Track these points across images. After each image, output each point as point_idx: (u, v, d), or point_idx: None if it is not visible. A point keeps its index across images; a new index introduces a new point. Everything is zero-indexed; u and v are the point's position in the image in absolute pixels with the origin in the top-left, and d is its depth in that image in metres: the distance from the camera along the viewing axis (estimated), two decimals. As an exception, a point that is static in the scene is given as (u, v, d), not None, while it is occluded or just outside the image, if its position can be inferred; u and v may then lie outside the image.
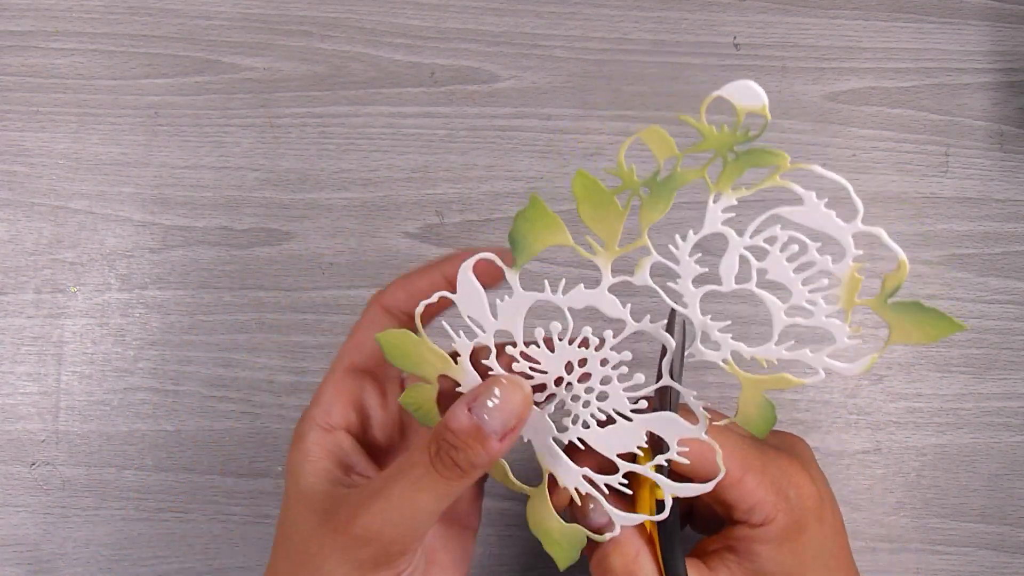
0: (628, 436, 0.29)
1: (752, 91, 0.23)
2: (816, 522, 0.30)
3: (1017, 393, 0.47)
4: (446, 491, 0.26)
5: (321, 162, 0.46)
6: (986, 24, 0.50)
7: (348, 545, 0.26)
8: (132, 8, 0.47)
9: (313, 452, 0.29)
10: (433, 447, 0.26)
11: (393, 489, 0.26)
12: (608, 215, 0.25)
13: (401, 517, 0.26)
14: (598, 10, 0.49)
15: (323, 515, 0.27)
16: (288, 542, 0.28)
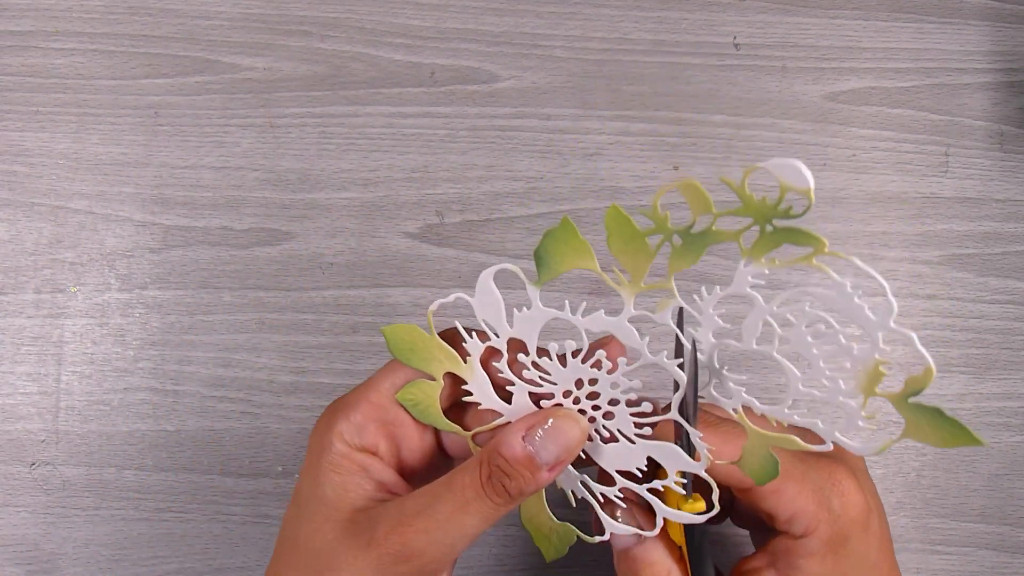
0: (629, 456, 0.29)
1: (799, 173, 0.23)
2: (861, 532, 0.29)
3: (1017, 393, 0.47)
4: (492, 515, 0.27)
5: (321, 162, 0.46)
6: (986, 24, 0.50)
7: (384, 561, 0.26)
8: (132, 8, 0.47)
9: (343, 465, 0.28)
10: (485, 472, 0.27)
11: (440, 509, 0.26)
12: (638, 253, 0.26)
13: (445, 537, 0.27)
14: (598, 10, 0.49)
15: (353, 526, 0.27)
16: (302, 550, 0.28)
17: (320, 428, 0.29)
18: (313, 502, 0.28)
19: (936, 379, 0.46)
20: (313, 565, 0.27)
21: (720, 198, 0.24)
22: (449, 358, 0.29)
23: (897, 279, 0.47)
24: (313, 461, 0.29)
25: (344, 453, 0.29)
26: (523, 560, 0.44)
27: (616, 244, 0.26)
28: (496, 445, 0.27)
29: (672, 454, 0.29)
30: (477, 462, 0.27)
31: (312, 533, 0.28)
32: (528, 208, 0.46)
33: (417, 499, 0.27)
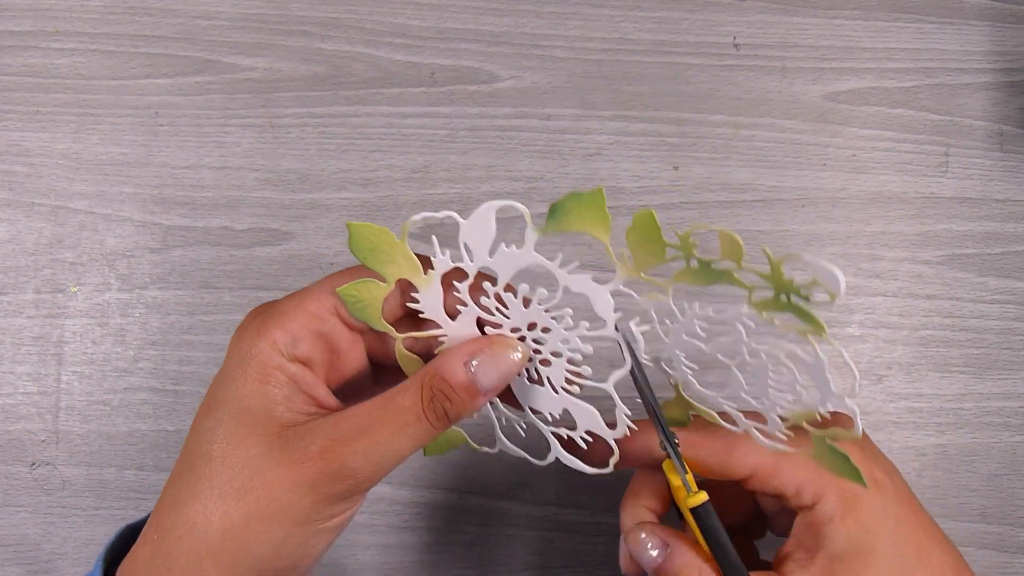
0: (548, 402, 0.31)
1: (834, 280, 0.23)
2: (872, 488, 0.29)
3: (1017, 393, 0.47)
4: (427, 436, 0.27)
5: (321, 162, 0.46)
6: (986, 24, 0.50)
7: (318, 479, 0.26)
8: (132, 8, 0.47)
9: (273, 375, 0.27)
10: (427, 395, 0.26)
11: (380, 430, 0.26)
12: (652, 253, 0.27)
13: (381, 458, 0.26)
14: (598, 10, 0.49)
15: (283, 442, 0.26)
16: (224, 465, 0.26)
17: (249, 333, 0.28)
18: (235, 413, 0.27)
19: (936, 379, 0.47)
20: (234, 480, 0.26)
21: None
22: (410, 266, 0.28)
23: (897, 279, 0.47)
24: (237, 369, 0.27)
25: (275, 363, 0.27)
26: (523, 560, 0.44)
27: (635, 237, 0.27)
28: (438, 370, 0.27)
29: (588, 415, 0.30)
30: (417, 385, 0.27)
31: (232, 446, 0.26)
32: (528, 208, 0.46)
33: (353, 419, 0.26)
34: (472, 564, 0.44)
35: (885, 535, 0.29)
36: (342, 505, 0.27)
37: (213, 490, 0.26)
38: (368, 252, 0.28)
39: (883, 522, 0.29)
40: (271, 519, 0.25)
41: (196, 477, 0.26)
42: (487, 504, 0.45)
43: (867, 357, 0.47)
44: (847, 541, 0.29)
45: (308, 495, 0.26)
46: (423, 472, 0.45)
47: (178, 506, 0.26)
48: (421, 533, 0.44)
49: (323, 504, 0.26)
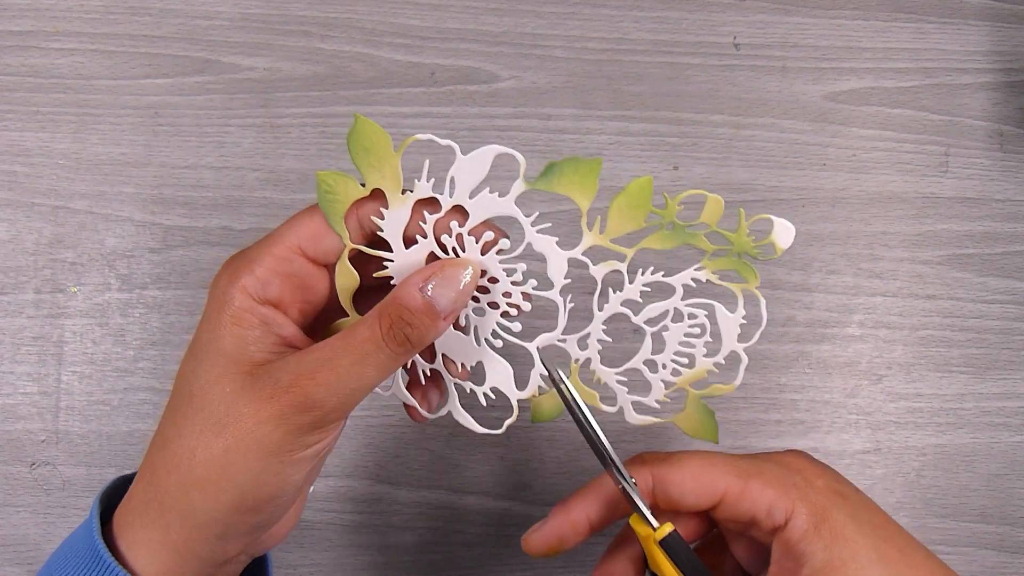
0: (464, 350, 0.31)
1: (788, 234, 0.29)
2: (837, 498, 0.30)
3: (1017, 393, 0.47)
4: (392, 364, 0.28)
5: (321, 162, 0.46)
6: (986, 24, 0.50)
7: (286, 411, 0.27)
8: (132, 8, 0.47)
9: (245, 318, 0.28)
10: (385, 323, 0.27)
11: (341, 361, 0.27)
12: (633, 220, 0.29)
13: (346, 388, 0.27)
14: (598, 10, 0.49)
15: (254, 379, 0.27)
16: (203, 403, 0.28)
17: (222, 281, 0.29)
18: (212, 355, 0.28)
19: (936, 379, 0.47)
20: (212, 417, 0.27)
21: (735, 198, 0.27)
22: (393, 180, 0.29)
23: (897, 279, 0.47)
24: (213, 314, 0.29)
25: (247, 307, 0.28)
26: (523, 560, 0.44)
27: (620, 203, 0.29)
28: (395, 297, 0.28)
29: (501, 372, 0.31)
30: (375, 314, 0.28)
31: (210, 385, 0.28)
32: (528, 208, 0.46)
33: (317, 352, 0.27)
34: (472, 564, 0.44)
35: (864, 540, 0.29)
36: (313, 436, 0.28)
37: (195, 427, 0.28)
38: (362, 150, 0.29)
39: (859, 528, 0.29)
40: (247, 451, 0.27)
41: (180, 416, 0.28)
42: (487, 504, 0.45)
43: (867, 357, 0.47)
44: (826, 552, 0.29)
45: (279, 427, 0.27)
46: (423, 472, 0.45)
47: (165, 444, 0.28)
48: (421, 533, 0.44)
49: (294, 435, 0.27)
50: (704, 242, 0.29)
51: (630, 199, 0.28)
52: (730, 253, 0.30)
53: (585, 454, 0.45)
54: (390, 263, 0.30)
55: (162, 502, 0.28)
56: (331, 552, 0.44)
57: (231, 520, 0.28)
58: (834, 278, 0.47)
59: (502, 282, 0.30)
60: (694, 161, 0.47)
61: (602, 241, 0.29)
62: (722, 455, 0.31)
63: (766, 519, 0.29)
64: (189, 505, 0.28)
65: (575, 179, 0.28)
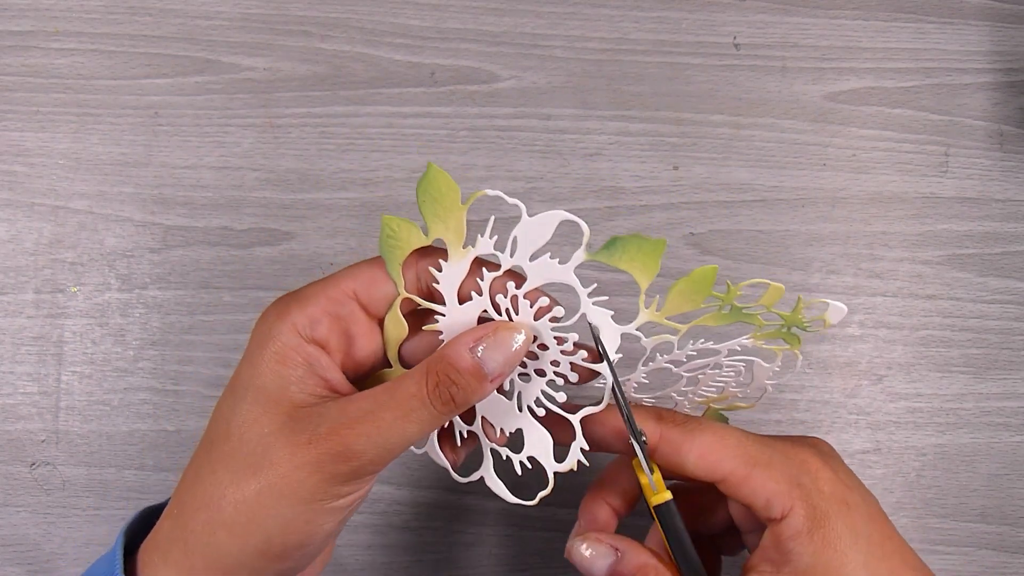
0: (506, 416, 0.31)
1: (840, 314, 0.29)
2: (841, 506, 0.29)
3: (1017, 393, 0.47)
4: (434, 422, 0.27)
5: (321, 162, 0.46)
6: (986, 24, 0.50)
7: (323, 459, 0.26)
8: (132, 8, 0.47)
9: (289, 356, 0.28)
10: (432, 381, 0.27)
11: (384, 415, 0.27)
12: (690, 301, 0.28)
13: (385, 442, 0.27)
14: (598, 10, 0.49)
15: (293, 422, 0.27)
16: (240, 442, 0.27)
17: (270, 317, 0.29)
18: (252, 392, 0.27)
19: (936, 379, 0.47)
20: (248, 457, 0.27)
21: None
22: (456, 233, 0.29)
23: (897, 279, 0.47)
24: (256, 350, 0.28)
25: (293, 344, 0.28)
26: (523, 560, 0.44)
27: (682, 288, 0.28)
28: (444, 355, 0.27)
29: (540, 442, 0.30)
30: (423, 371, 0.27)
31: (249, 424, 0.27)
32: (528, 208, 0.46)
33: (360, 402, 0.27)
34: (472, 564, 0.44)
35: (856, 555, 0.29)
36: (348, 487, 0.27)
37: (228, 466, 0.27)
38: (430, 199, 0.29)
39: (853, 542, 0.29)
40: (280, 496, 0.26)
41: (215, 454, 0.27)
42: (487, 504, 0.45)
43: (867, 357, 0.47)
44: (813, 557, 0.29)
45: (314, 474, 0.26)
46: (423, 472, 0.45)
47: (197, 481, 0.28)
48: (421, 533, 0.44)
49: (328, 484, 0.27)
50: (759, 320, 0.29)
51: (693, 284, 0.28)
52: (780, 327, 0.30)
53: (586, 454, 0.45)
54: (441, 317, 0.30)
55: (187, 542, 0.27)
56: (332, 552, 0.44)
57: (256, 565, 0.27)
58: (834, 278, 0.47)
59: (552, 350, 0.29)
60: (694, 161, 0.47)
61: (658, 319, 0.29)
62: (736, 433, 0.30)
63: (762, 510, 0.29)
64: (215, 546, 0.27)
65: (638, 257, 0.27)
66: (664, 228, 0.46)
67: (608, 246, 0.27)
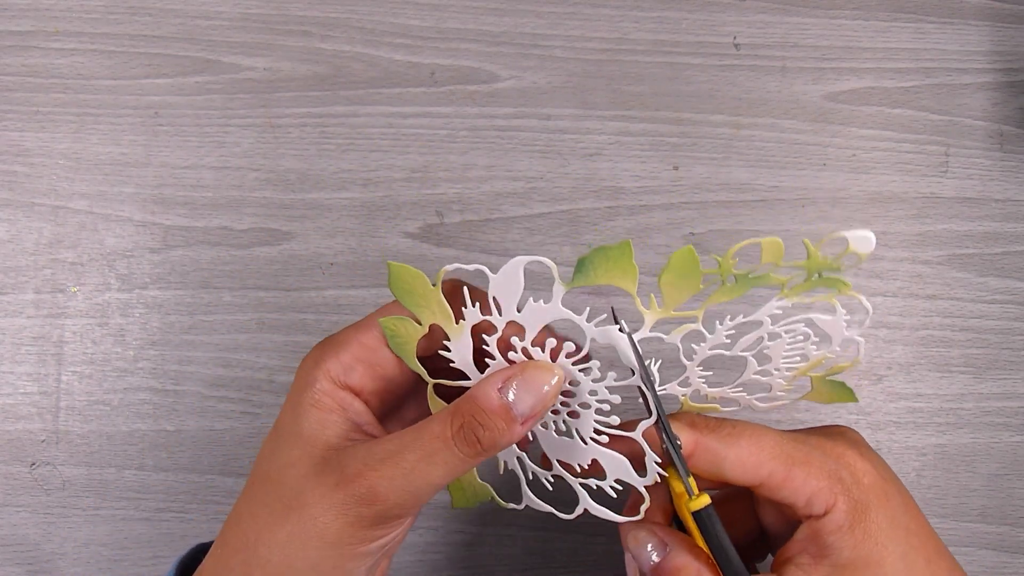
0: (575, 452, 0.31)
1: (868, 241, 0.27)
2: (881, 498, 0.29)
3: (1017, 393, 0.47)
4: (460, 466, 0.27)
5: (321, 162, 0.46)
6: (986, 24, 0.50)
7: (349, 502, 0.26)
8: (132, 8, 0.47)
9: (324, 402, 0.28)
10: (456, 422, 0.26)
11: (407, 457, 0.26)
12: (686, 288, 0.27)
13: (410, 485, 0.26)
14: (598, 10, 0.49)
15: (324, 465, 0.27)
16: (274, 483, 0.28)
17: (308, 363, 0.29)
18: (290, 437, 0.28)
19: (936, 379, 0.46)
20: (283, 499, 0.27)
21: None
22: (443, 314, 0.29)
23: (897, 279, 0.47)
24: (296, 396, 0.29)
25: (327, 391, 0.28)
26: (523, 560, 0.44)
27: (668, 278, 0.27)
28: (471, 396, 0.27)
29: (618, 464, 0.31)
30: (449, 412, 0.27)
31: (285, 467, 0.28)
32: (528, 208, 0.46)
33: (386, 444, 0.27)
34: (472, 564, 0.44)
35: (895, 546, 0.29)
36: (376, 531, 0.27)
37: (265, 508, 0.27)
38: (405, 293, 0.29)
39: (892, 534, 0.29)
40: (308, 538, 0.26)
41: (254, 496, 0.28)
42: (486, 504, 0.45)
43: (867, 357, 0.47)
44: (853, 551, 0.28)
45: (340, 518, 0.26)
46: (423, 472, 0.45)
47: (238, 522, 0.28)
48: (421, 533, 0.44)
49: (355, 528, 0.26)
50: (775, 278, 0.28)
51: (675, 272, 0.27)
52: (808, 277, 0.28)
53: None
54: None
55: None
56: None
57: None
58: (834, 278, 0.47)
59: (583, 382, 0.29)
60: (694, 161, 0.47)
61: (666, 314, 0.28)
62: (771, 433, 0.30)
63: (804, 508, 0.29)
64: None
65: (610, 267, 0.27)
66: (664, 228, 0.46)
67: (579, 270, 0.27)
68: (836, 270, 0.27)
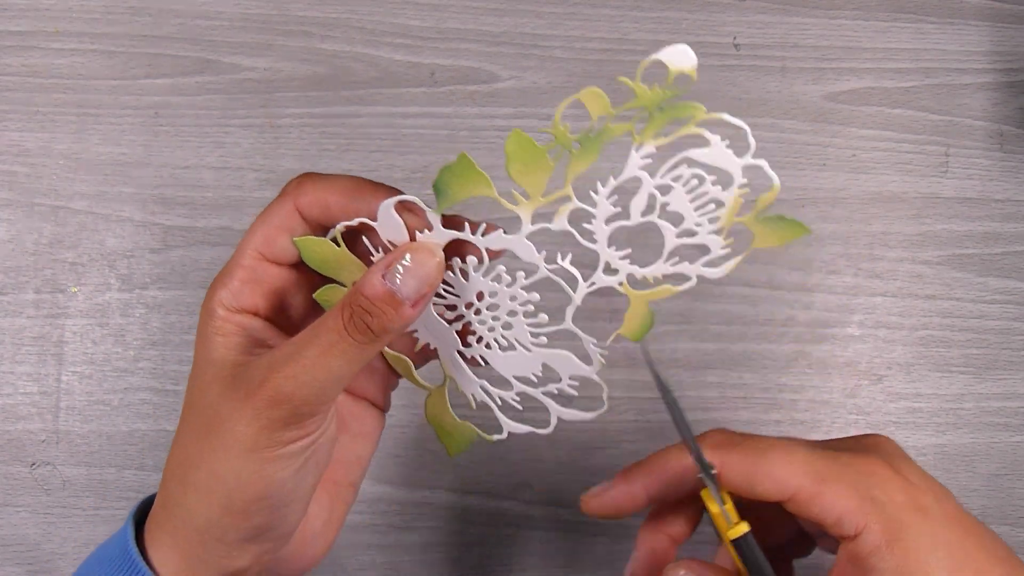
0: (525, 363, 0.32)
1: (686, 54, 0.27)
2: (917, 515, 0.29)
3: (1017, 393, 0.47)
4: (357, 356, 0.28)
5: (321, 162, 0.46)
6: (986, 24, 0.50)
7: (259, 407, 0.27)
8: (132, 8, 0.47)
9: (224, 327, 0.30)
10: (347, 312, 0.27)
11: (306, 353, 0.27)
12: (537, 169, 0.29)
13: (313, 380, 0.27)
14: (598, 10, 0.49)
15: (234, 380, 0.28)
16: (196, 409, 0.29)
17: (205, 300, 0.31)
18: (201, 365, 0.29)
19: (936, 379, 0.47)
20: (204, 422, 0.29)
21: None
22: (358, 268, 0.30)
23: (897, 279, 0.47)
24: (201, 328, 0.30)
25: (224, 317, 0.30)
26: (523, 560, 0.44)
27: (516, 167, 0.28)
28: (357, 286, 0.28)
29: (565, 361, 0.32)
30: (340, 305, 0.28)
31: (201, 392, 0.29)
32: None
33: (285, 348, 0.28)
34: (472, 564, 0.44)
35: (937, 561, 0.28)
36: (290, 432, 0.28)
37: (190, 432, 0.29)
38: (321, 263, 0.30)
39: (933, 548, 0.28)
40: (228, 450, 0.28)
41: (183, 425, 0.30)
42: (487, 504, 0.45)
43: (867, 357, 0.47)
44: (896, 572, 0.28)
45: (252, 423, 0.27)
46: (423, 472, 0.45)
47: (174, 451, 0.30)
48: (421, 533, 0.44)
49: (268, 431, 0.28)
50: (618, 128, 0.28)
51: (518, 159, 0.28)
52: (650, 115, 0.28)
53: (587, 454, 0.45)
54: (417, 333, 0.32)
55: (167, 506, 0.29)
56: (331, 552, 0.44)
57: (225, 523, 0.28)
58: (834, 278, 0.47)
59: (500, 292, 0.30)
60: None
61: (536, 202, 0.29)
62: (802, 447, 0.30)
63: (834, 527, 0.29)
64: (187, 508, 0.29)
65: (461, 182, 0.28)
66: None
67: (437, 194, 0.28)
68: (674, 96, 0.28)
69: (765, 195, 0.30)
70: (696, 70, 0.27)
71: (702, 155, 0.29)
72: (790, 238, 0.31)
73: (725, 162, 0.29)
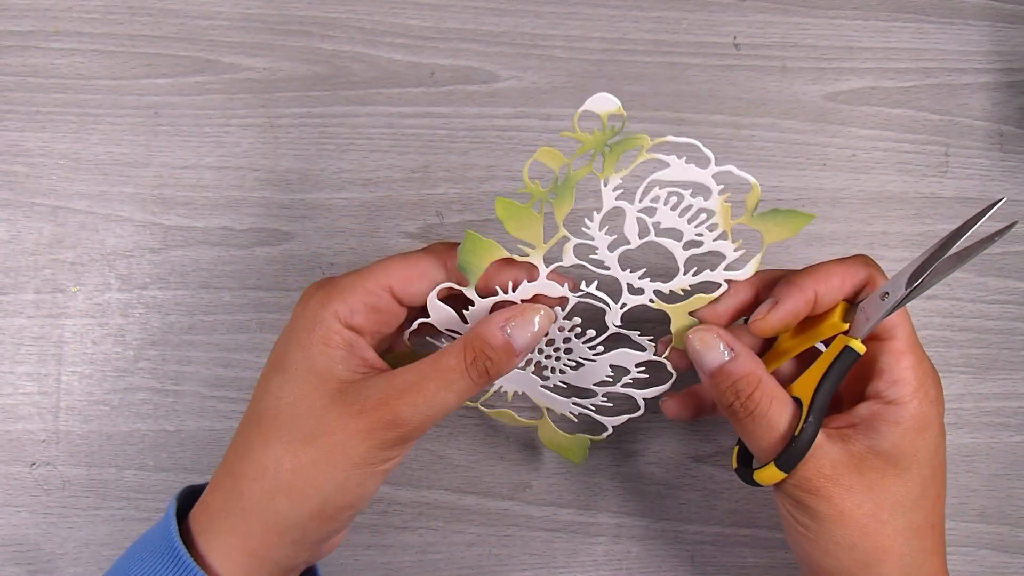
0: (597, 371, 0.38)
1: (607, 99, 0.31)
2: (938, 430, 0.33)
3: (1017, 393, 0.47)
4: (469, 392, 0.31)
5: (321, 162, 0.46)
6: (986, 24, 0.50)
7: (374, 426, 0.30)
8: (132, 8, 0.47)
9: (333, 340, 0.31)
10: (470, 356, 0.31)
11: (428, 385, 0.30)
12: (529, 223, 0.33)
13: (430, 409, 0.30)
14: (598, 10, 0.49)
15: (342, 396, 0.30)
16: (292, 416, 0.30)
17: (313, 304, 0.32)
18: (301, 372, 0.31)
19: (936, 379, 0.46)
20: (301, 429, 0.30)
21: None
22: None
23: (897, 279, 0.47)
24: (303, 334, 0.32)
25: (336, 330, 0.32)
26: (523, 560, 0.44)
27: (511, 225, 0.33)
28: (480, 334, 0.31)
29: (626, 356, 0.37)
30: (460, 347, 0.31)
31: (300, 400, 0.31)
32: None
33: (405, 375, 0.31)
34: (472, 564, 0.44)
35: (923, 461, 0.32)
36: (393, 451, 0.31)
37: (282, 438, 0.30)
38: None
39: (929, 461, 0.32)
40: (334, 462, 0.30)
41: (266, 428, 0.31)
42: (487, 504, 0.45)
43: (867, 357, 0.47)
44: (894, 448, 0.32)
45: (365, 441, 0.30)
46: (423, 472, 0.45)
47: (249, 454, 0.31)
48: (421, 533, 0.44)
49: (377, 449, 0.30)
50: (579, 172, 0.31)
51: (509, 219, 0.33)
52: (605, 154, 0.31)
53: (585, 454, 0.45)
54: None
55: (244, 508, 0.30)
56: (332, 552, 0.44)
57: (310, 526, 0.30)
58: (834, 278, 0.47)
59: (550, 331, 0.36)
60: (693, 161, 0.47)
61: (543, 248, 0.33)
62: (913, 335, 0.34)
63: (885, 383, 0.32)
64: (273, 511, 0.30)
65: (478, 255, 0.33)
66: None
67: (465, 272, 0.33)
68: (615, 135, 0.31)
69: (749, 195, 0.32)
70: (622, 108, 0.31)
71: (667, 175, 0.32)
72: (797, 227, 0.33)
73: (692, 176, 0.32)
